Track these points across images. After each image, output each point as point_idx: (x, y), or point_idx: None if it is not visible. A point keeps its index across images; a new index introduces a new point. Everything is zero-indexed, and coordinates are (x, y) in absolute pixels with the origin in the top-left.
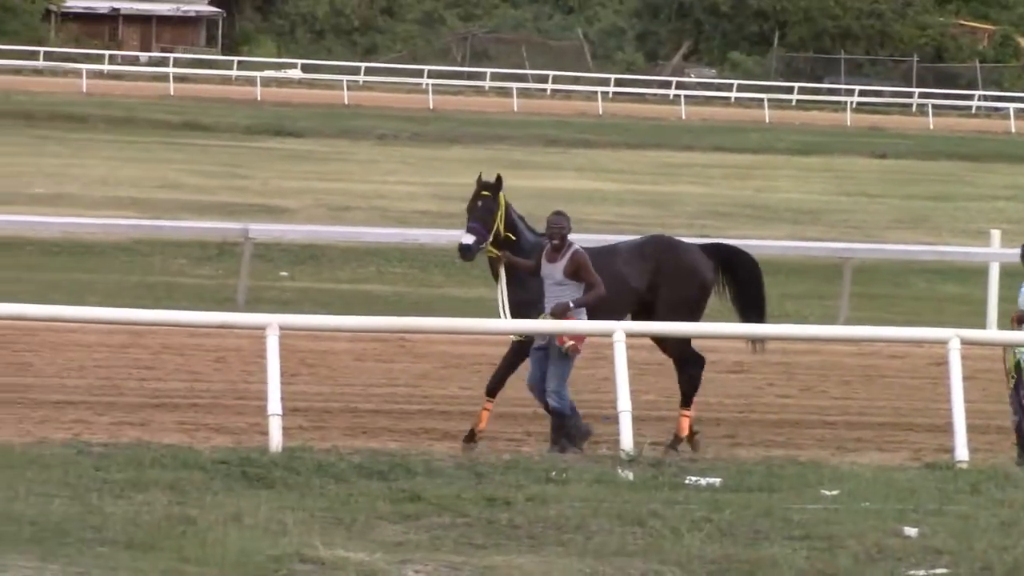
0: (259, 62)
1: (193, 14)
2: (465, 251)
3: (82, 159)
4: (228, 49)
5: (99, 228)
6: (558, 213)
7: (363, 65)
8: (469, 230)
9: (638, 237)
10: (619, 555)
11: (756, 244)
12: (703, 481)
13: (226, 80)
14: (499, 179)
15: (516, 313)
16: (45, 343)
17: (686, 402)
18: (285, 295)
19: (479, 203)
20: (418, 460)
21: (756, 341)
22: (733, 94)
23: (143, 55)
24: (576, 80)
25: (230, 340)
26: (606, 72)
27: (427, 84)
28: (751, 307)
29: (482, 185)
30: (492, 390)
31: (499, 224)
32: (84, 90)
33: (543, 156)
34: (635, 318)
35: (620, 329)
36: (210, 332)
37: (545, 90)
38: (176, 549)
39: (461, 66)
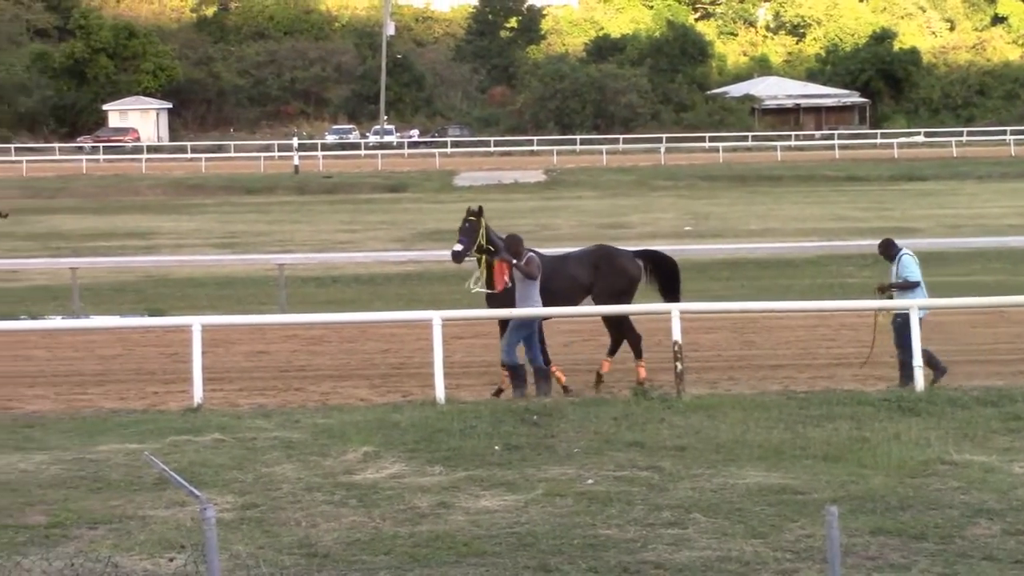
0: (894, 132)
1: (849, 103)
2: (456, 256)
3: (780, 205)
4: (873, 124)
5: (795, 249)
6: (515, 236)
7: (964, 129)
8: (459, 242)
9: (587, 247)
10: None
11: None
12: None
13: (872, 146)
14: (480, 208)
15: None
16: (761, 327)
17: (638, 355)
18: None
19: (466, 224)
20: (1019, 392)
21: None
22: None
23: (816, 133)
24: None
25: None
26: None
27: (1009, 140)
28: (672, 292)
29: (469, 212)
30: (546, 361)
31: (481, 238)
32: (778, 159)
33: None
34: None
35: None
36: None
37: None
38: (856, 460)
39: None
